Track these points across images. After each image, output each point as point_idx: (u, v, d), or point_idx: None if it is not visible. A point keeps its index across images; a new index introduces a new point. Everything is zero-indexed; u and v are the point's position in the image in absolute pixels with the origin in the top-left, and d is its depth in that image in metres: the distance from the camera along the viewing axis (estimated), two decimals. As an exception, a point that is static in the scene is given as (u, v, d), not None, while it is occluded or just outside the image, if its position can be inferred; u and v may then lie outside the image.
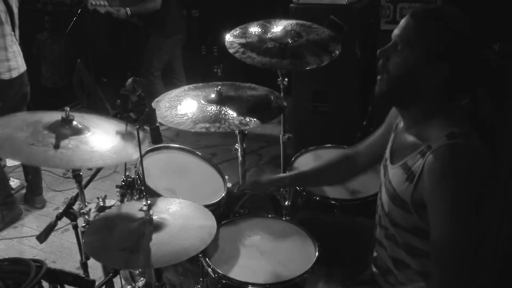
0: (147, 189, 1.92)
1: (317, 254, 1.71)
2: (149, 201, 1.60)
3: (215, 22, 4.78)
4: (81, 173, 1.87)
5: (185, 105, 2.13)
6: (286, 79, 2.52)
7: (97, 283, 1.65)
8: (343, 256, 1.83)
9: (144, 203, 1.59)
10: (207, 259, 1.70)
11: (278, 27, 2.56)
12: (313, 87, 3.50)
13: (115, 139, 1.74)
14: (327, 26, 2.55)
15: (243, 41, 2.45)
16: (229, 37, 2.48)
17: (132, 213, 1.67)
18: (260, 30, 2.54)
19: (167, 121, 2.03)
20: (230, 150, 2.44)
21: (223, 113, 2.06)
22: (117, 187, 2.16)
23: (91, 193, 3.34)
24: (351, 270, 1.75)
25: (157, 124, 1.77)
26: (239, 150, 2.39)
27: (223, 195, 2.11)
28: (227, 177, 2.26)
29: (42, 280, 1.39)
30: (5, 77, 3.03)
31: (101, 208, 2.02)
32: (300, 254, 1.73)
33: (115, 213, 1.75)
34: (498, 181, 2.18)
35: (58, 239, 3.12)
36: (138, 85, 1.70)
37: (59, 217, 1.95)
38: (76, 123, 1.74)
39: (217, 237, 1.78)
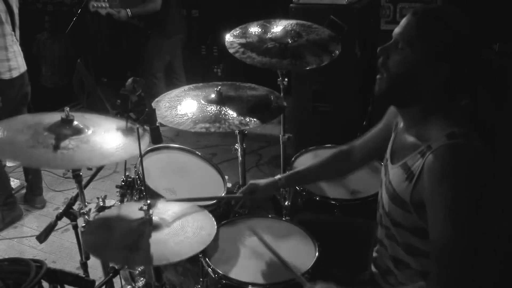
0: (147, 189, 1.92)
1: (317, 254, 1.71)
2: (149, 201, 1.60)
3: (215, 22, 4.78)
4: (81, 173, 1.87)
5: (185, 105, 2.14)
6: (286, 79, 2.52)
7: (97, 283, 1.65)
8: (343, 256, 1.83)
9: (144, 203, 1.59)
10: (207, 259, 1.70)
11: (278, 27, 2.56)
12: (313, 87, 3.50)
13: (116, 136, 1.74)
14: (327, 26, 2.55)
15: (243, 41, 2.45)
16: (229, 37, 2.48)
17: (132, 212, 1.67)
18: (260, 30, 2.54)
19: (167, 121, 2.03)
20: (230, 150, 2.44)
21: (223, 113, 2.06)
22: (117, 187, 2.17)
23: (91, 193, 3.34)
24: (351, 270, 1.75)
25: (157, 124, 1.77)
26: (239, 150, 2.39)
27: (223, 195, 2.10)
28: (227, 177, 2.26)
29: (42, 280, 1.39)
30: (6, 77, 3.03)
31: (101, 208, 2.02)
32: (300, 254, 1.73)
33: (115, 213, 1.75)
34: (498, 181, 2.18)
35: (58, 239, 3.12)
36: (138, 85, 1.71)
37: (59, 217, 1.95)
38: (76, 123, 1.74)
39: (217, 237, 1.78)
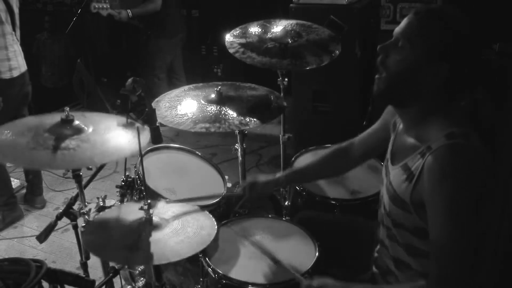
0: (147, 189, 1.92)
1: (317, 254, 1.71)
2: (149, 201, 1.60)
3: (215, 22, 4.78)
4: (81, 173, 1.87)
5: (185, 105, 2.14)
6: (286, 79, 2.52)
7: (97, 283, 1.65)
8: (343, 256, 1.83)
9: (144, 203, 1.59)
10: (207, 259, 1.70)
11: (278, 27, 2.56)
12: (313, 87, 3.50)
13: (117, 134, 1.73)
14: (327, 26, 2.55)
15: (243, 41, 2.45)
16: (229, 37, 2.48)
17: (132, 212, 1.67)
18: (260, 30, 2.54)
19: (167, 121, 2.03)
20: (230, 150, 2.44)
21: (223, 113, 2.06)
22: (117, 187, 2.17)
23: (91, 193, 3.34)
24: (351, 270, 1.75)
25: (157, 124, 1.77)
26: (239, 150, 2.39)
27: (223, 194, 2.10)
28: (227, 177, 2.26)
29: (42, 280, 1.39)
30: (6, 76, 3.03)
31: (101, 208, 2.02)
32: (300, 254, 1.73)
33: (115, 212, 1.75)
34: (498, 181, 2.18)
35: (58, 239, 3.12)
36: (138, 85, 1.71)
37: (59, 217, 1.94)
38: (76, 122, 1.73)
39: (217, 237, 1.78)
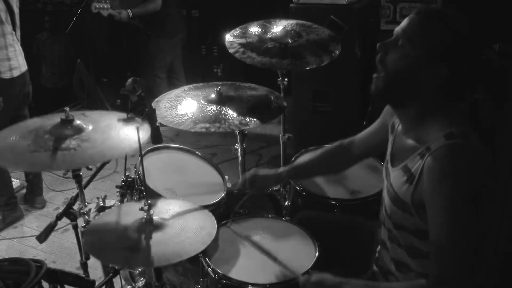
0: (147, 189, 1.92)
1: (317, 254, 1.71)
2: (149, 201, 1.60)
3: (215, 22, 4.78)
4: (81, 173, 1.87)
5: (185, 105, 2.14)
6: (286, 79, 2.52)
7: (97, 283, 1.65)
8: (343, 256, 1.83)
9: (144, 203, 1.59)
10: (207, 259, 1.70)
11: (278, 27, 2.56)
12: (313, 87, 3.50)
13: (117, 130, 1.73)
14: (327, 26, 2.55)
15: (243, 41, 2.45)
16: (229, 37, 2.48)
17: (132, 213, 1.67)
18: (260, 30, 2.54)
19: (167, 121, 2.03)
20: (230, 150, 2.44)
21: (223, 113, 2.06)
22: (117, 187, 2.16)
23: (91, 193, 3.34)
24: (351, 270, 1.75)
25: (157, 124, 1.77)
26: (239, 150, 2.39)
27: (223, 195, 2.11)
28: (227, 177, 2.26)
29: (42, 280, 1.39)
30: (6, 76, 3.02)
31: (101, 208, 2.02)
32: (300, 254, 1.73)
33: (115, 213, 1.75)
34: (498, 181, 2.18)
35: (58, 239, 3.12)
36: (138, 85, 1.71)
37: (59, 217, 1.94)
38: (78, 122, 1.73)
39: (217, 237, 1.78)
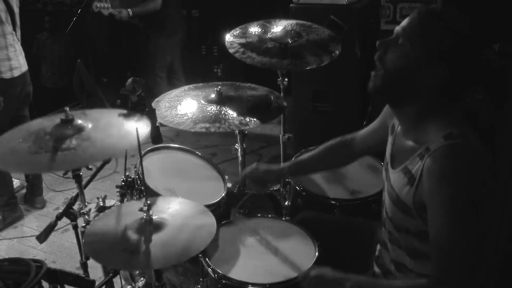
0: (147, 189, 1.92)
1: (317, 254, 1.71)
2: (149, 201, 1.60)
3: (215, 22, 4.78)
4: (81, 173, 1.87)
5: (185, 105, 2.14)
6: (286, 79, 2.52)
7: (97, 283, 1.65)
8: (343, 256, 1.82)
9: (144, 203, 1.59)
10: (207, 259, 1.70)
11: (278, 27, 2.56)
12: (313, 87, 3.50)
13: (117, 128, 1.73)
14: (327, 26, 2.55)
15: (243, 41, 2.45)
16: (229, 37, 2.49)
17: (132, 213, 1.67)
18: (260, 30, 2.54)
19: (167, 121, 2.03)
20: (230, 150, 2.45)
21: (223, 113, 2.06)
22: (117, 187, 2.16)
23: (91, 193, 3.34)
24: (351, 270, 1.75)
25: (157, 124, 1.77)
26: (239, 150, 2.39)
27: (223, 195, 2.10)
28: (227, 177, 2.26)
29: (42, 280, 1.39)
30: (7, 76, 3.02)
31: (101, 208, 2.02)
32: (300, 254, 1.73)
33: (115, 213, 1.75)
34: (498, 181, 2.18)
35: (58, 239, 3.12)
36: (138, 85, 1.71)
37: (59, 217, 1.94)
38: (78, 121, 1.73)
39: (217, 237, 1.78)
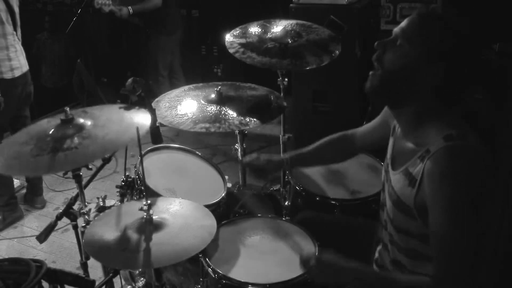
0: (147, 189, 1.92)
1: (317, 254, 1.71)
2: (149, 201, 1.60)
3: (215, 22, 4.78)
4: (81, 173, 1.87)
5: (185, 105, 2.14)
6: (286, 79, 2.52)
7: (97, 283, 1.65)
8: (343, 256, 1.82)
9: (144, 203, 1.59)
10: (207, 259, 1.70)
11: (278, 27, 2.56)
12: (313, 87, 3.50)
13: (118, 123, 1.73)
14: (327, 26, 2.55)
15: (243, 41, 2.45)
16: (229, 37, 2.48)
17: (132, 213, 1.67)
18: (260, 30, 2.54)
19: (167, 121, 2.03)
20: (230, 150, 2.44)
21: (223, 113, 2.06)
22: (117, 187, 2.16)
23: (91, 193, 3.34)
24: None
25: (157, 124, 1.77)
26: (239, 150, 2.39)
27: (223, 195, 2.10)
28: (227, 177, 2.26)
29: (42, 280, 1.39)
30: (8, 76, 3.02)
31: (101, 208, 2.02)
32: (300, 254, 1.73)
33: (115, 213, 1.75)
34: (498, 181, 2.18)
35: (58, 239, 3.12)
36: (138, 85, 1.71)
37: (59, 217, 1.94)
38: (78, 120, 1.73)
39: (217, 237, 1.78)
